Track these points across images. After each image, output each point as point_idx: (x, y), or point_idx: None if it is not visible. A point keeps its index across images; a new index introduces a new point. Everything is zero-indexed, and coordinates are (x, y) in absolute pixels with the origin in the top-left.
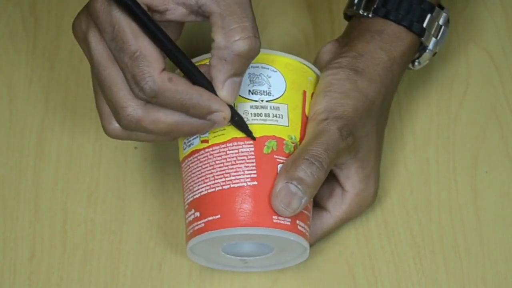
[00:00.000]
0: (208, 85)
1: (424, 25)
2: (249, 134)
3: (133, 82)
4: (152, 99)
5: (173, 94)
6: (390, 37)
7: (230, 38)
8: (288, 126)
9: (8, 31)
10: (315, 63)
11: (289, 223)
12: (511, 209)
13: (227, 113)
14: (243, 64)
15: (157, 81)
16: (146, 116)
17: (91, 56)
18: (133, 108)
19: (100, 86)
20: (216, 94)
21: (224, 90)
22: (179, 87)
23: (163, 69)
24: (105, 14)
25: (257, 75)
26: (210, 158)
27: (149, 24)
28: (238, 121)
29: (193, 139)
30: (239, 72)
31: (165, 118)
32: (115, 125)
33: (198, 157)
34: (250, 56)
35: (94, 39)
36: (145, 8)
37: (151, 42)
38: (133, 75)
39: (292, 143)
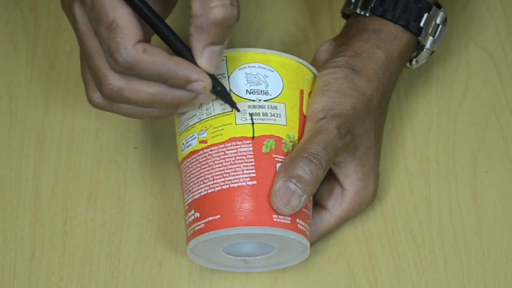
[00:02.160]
0: (189, 55)
1: (421, 24)
2: (232, 104)
3: (108, 54)
4: (128, 71)
5: (148, 66)
6: (387, 36)
7: (205, 6)
8: (286, 125)
9: (8, 31)
10: (313, 62)
11: (289, 222)
12: (511, 209)
13: (207, 82)
14: (220, 32)
15: (131, 53)
16: (127, 85)
17: (76, 27)
18: (115, 76)
19: (84, 56)
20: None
21: (202, 59)
22: (154, 58)
23: (139, 41)
24: None
25: (254, 74)
26: (208, 159)
27: None
28: (220, 91)
29: (191, 140)
30: (217, 41)
31: (146, 88)
32: (99, 94)
33: (197, 158)
34: (226, 24)
35: (78, 10)
36: None
37: (129, 13)
38: (108, 47)
39: (291, 142)
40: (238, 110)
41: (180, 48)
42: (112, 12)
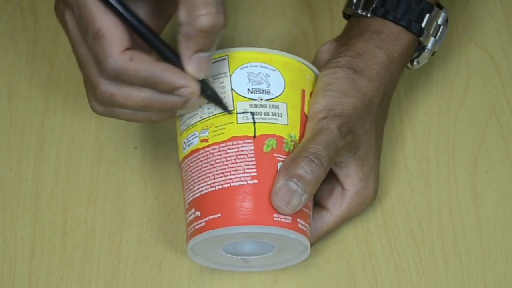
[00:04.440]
0: (177, 61)
1: (423, 25)
2: (224, 107)
3: (96, 62)
4: (116, 78)
5: (135, 72)
6: (388, 37)
7: (192, 14)
8: (287, 124)
9: (8, 31)
10: (314, 62)
11: (289, 221)
12: (511, 209)
13: (193, 87)
14: (207, 40)
15: (118, 61)
16: (118, 91)
17: (68, 35)
18: (106, 83)
19: (78, 64)
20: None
21: (190, 66)
22: (140, 65)
23: (127, 48)
24: None
25: (255, 74)
26: (210, 157)
27: (114, 3)
28: (211, 95)
29: (192, 139)
30: (205, 48)
31: (138, 93)
32: None
33: (198, 157)
34: (213, 32)
35: (70, 19)
36: None
37: (116, 22)
38: (95, 55)
39: (292, 141)
40: (230, 113)
41: (168, 54)
42: (98, 21)
